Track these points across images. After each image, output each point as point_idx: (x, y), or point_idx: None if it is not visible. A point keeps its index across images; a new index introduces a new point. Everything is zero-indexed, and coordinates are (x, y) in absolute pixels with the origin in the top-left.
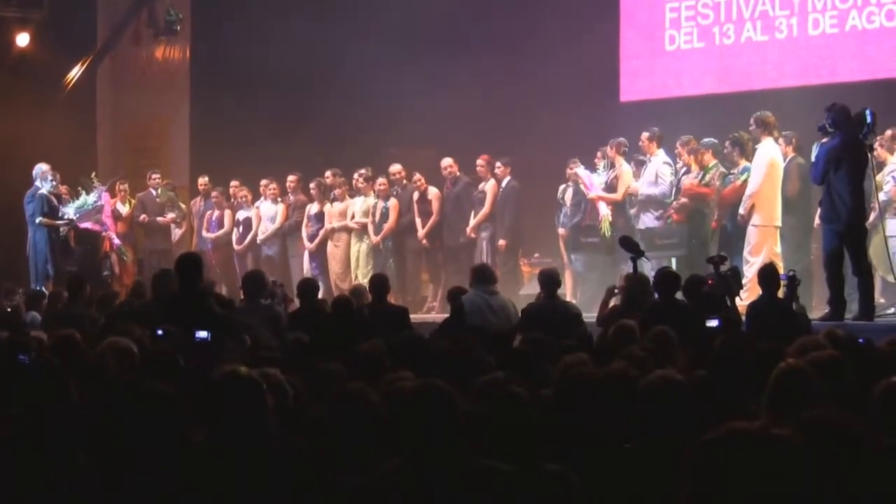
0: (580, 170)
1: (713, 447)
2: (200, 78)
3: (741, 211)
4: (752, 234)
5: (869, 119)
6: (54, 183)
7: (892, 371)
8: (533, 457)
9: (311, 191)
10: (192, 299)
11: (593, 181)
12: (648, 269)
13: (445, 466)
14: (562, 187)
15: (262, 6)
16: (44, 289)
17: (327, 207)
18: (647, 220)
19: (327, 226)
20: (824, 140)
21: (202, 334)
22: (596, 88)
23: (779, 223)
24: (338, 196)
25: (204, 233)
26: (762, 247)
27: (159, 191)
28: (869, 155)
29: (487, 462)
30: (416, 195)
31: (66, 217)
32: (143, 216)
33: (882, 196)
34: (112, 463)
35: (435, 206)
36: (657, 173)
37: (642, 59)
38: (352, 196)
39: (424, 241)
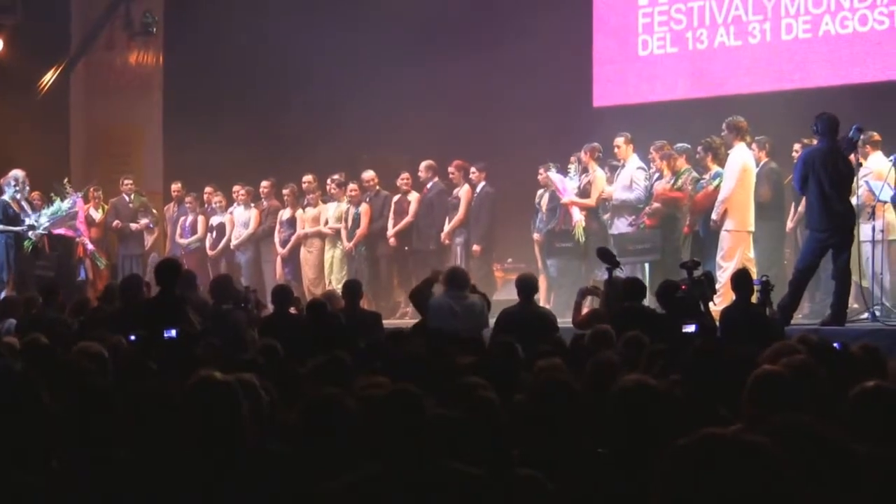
0: (553, 174)
1: (687, 453)
2: (174, 84)
3: (714, 216)
4: (724, 239)
5: (852, 135)
6: (17, 188)
7: (865, 376)
8: (504, 461)
9: (285, 196)
10: (170, 304)
11: (566, 186)
12: (623, 275)
13: (417, 471)
14: (539, 192)
15: (236, 12)
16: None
17: (299, 213)
18: (621, 226)
19: (300, 231)
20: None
21: (171, 333)
22: (569, 94)
23: (752, 228)
24: (311, 201)
25: (177, 238)
26: (735, 252)
27: (132, 196)
28: (853, 163)
29: (458, 466)
30: (396, 196)
31: (26, 223)
32: (116, 222)
33: (854, 201)
34: (86, 466)
35: (413, 208)
36: (631, 178)
37: (615, 65)
38: (325, 202)
39: (392, 240)
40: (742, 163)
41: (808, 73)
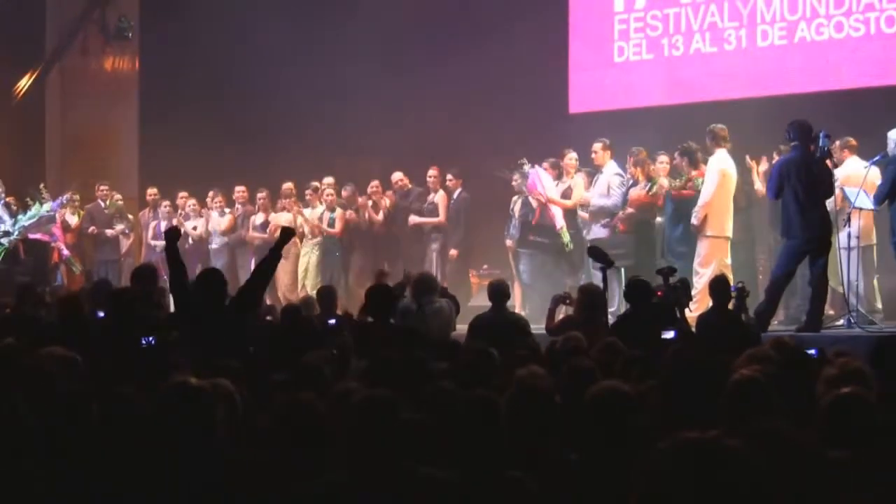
0: (538, 169)
1: (666, 457)
2: (149, 88)
3: (693, 221)
4: (702, 244)
5: (822, 143)
6: None
7: (839, 382)
8: (485, 465)
9: (259, 200)
10: (148, 310)
11: (546, 184)
12: (598, 280)
13: (387, 476)
14: (514, 198)
15: (212, 18)
16: None
17: (273, 217)
18: (597, 231)
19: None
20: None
21: (149, 340)
22: (545, 100)
23: (730, 234)
24: (286, 206)
25: (151, 241)
26: (712, 258)
27: (108, 202)
28: (829, 169)
29: (429, 471)
30: (370, 203)
31: (1, 230)
32: (91, 228)
33: (830, 206)
34: (63, 470)
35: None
36: (609, 185)
37: (591, 71)
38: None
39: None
40: (722, 168)
41: (784, 80)
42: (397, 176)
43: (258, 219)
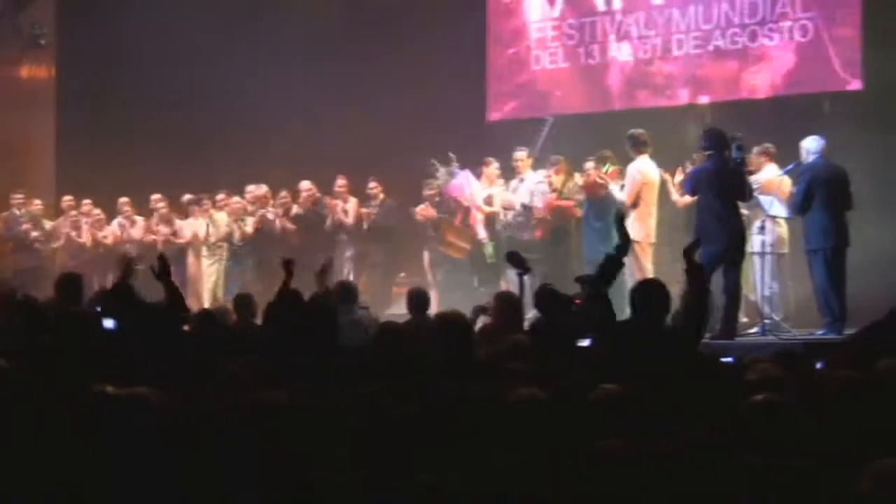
0: (468, 173)
1: (589, 464)
2: (67, 96)
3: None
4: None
5: (735, 154)
6: None
7: (754, 389)
8: (402, 466)
9: (162, 209)
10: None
11: (474, 189)
12: (515, 286)
13: (292, 482)
14: (419, 207)
15: (128, 26)
16: None
17: (180, 224)
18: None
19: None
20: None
21: (108, 324)
22: (462, 108)
23: (654, 239)
24: (194, 214)
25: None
26: (641, 264)
27: (22, 211)
28: (745, 176)
29: (329, 474)
30: (279, 213)
31: None
32: (5, 237)
33: (745, 212)
34: None
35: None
36: (532, 193)
37: (509, 79)
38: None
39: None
40: (642, 171)
41: (699, 88)
42: (305, 185)
43: (173, 226)
